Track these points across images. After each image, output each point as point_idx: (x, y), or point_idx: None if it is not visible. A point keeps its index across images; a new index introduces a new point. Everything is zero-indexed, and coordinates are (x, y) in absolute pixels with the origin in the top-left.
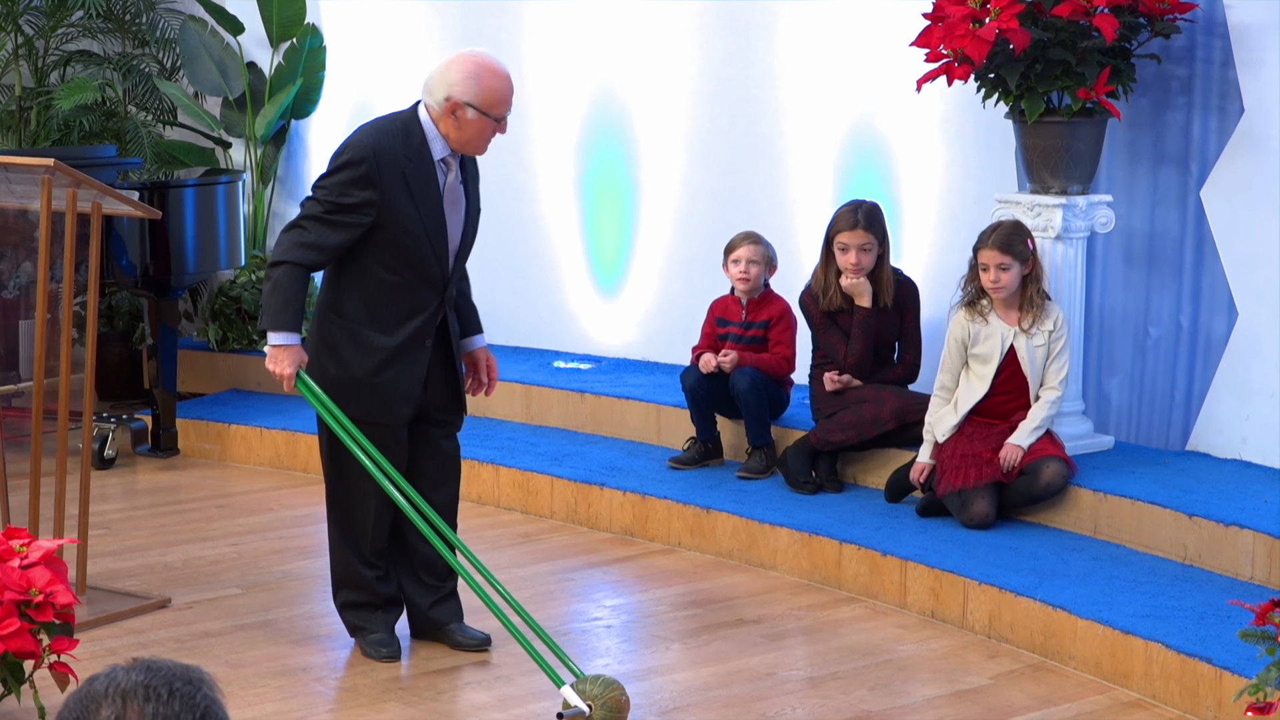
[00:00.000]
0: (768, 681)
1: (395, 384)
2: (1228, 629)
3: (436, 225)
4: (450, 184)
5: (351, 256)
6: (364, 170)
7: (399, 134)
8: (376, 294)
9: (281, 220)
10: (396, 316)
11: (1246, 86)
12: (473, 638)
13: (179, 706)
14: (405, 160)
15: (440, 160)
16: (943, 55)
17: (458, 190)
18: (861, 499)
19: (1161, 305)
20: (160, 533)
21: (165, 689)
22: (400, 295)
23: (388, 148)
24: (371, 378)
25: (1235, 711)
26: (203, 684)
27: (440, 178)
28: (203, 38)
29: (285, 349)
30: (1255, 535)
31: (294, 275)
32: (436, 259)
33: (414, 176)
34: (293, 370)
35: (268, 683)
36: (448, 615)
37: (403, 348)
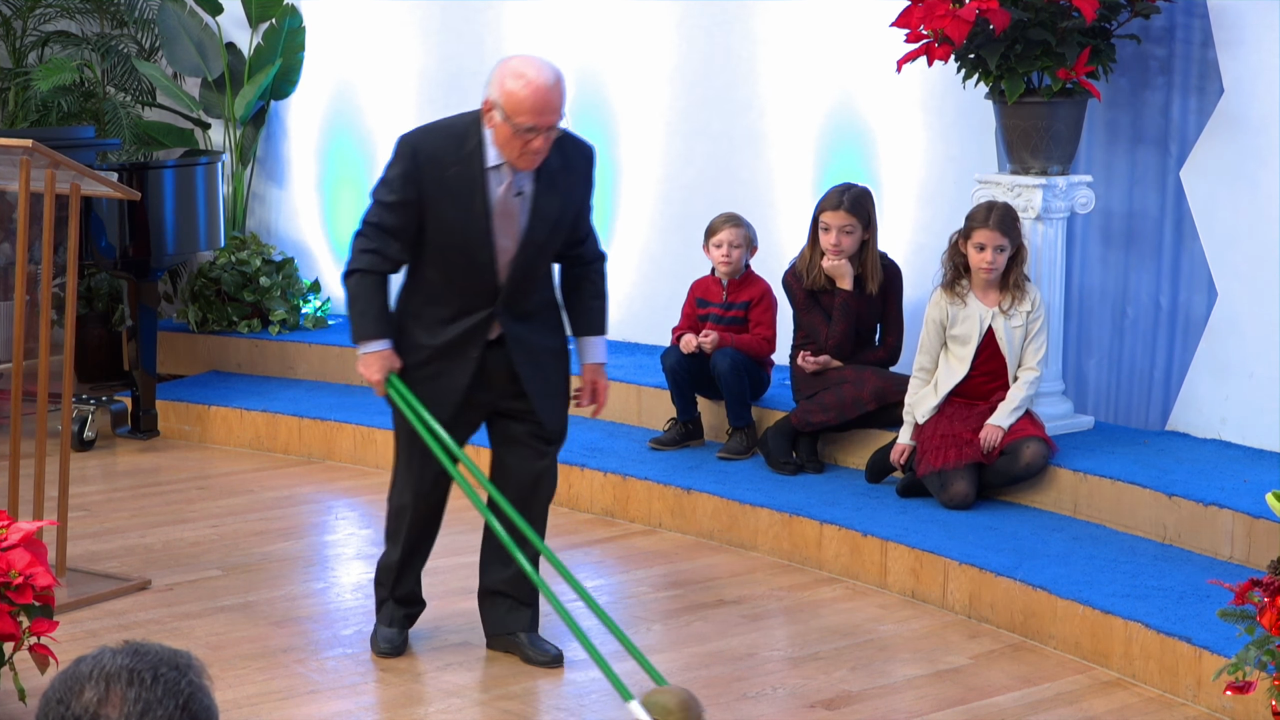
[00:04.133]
0: (748, 662)
1: (429, 386)
2: (1207, 608)
3: (478, 235)
4: (503, 194)
5: (414, 255)
6: (404, 168)
7: (455, 136)
8: (426, 293)
9: (261, 201)
10: (440, 319)
11: (1226, 66)
12: (544, 653)
13: (162, 692)
14: (451, 164)
15: (494, 168)
16: (923, 36)
17: (513, 202)
18: (842, 479)
19: (1141, 285)
20: (140, 514)
21: (150, 674)
22: (445, 298)
23: (434, 148)
24: (408, 375)
25: (1215, 690)
26: (189, 670)
27: (491, 186)
28: (181, 18)
29: (372, 355)
30: (1234, 515)
31: (365, 282)
32: (480, 268)
33: (457, 182)
34: (381, 376)
35: (248, 664)
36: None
37: (442, 351)
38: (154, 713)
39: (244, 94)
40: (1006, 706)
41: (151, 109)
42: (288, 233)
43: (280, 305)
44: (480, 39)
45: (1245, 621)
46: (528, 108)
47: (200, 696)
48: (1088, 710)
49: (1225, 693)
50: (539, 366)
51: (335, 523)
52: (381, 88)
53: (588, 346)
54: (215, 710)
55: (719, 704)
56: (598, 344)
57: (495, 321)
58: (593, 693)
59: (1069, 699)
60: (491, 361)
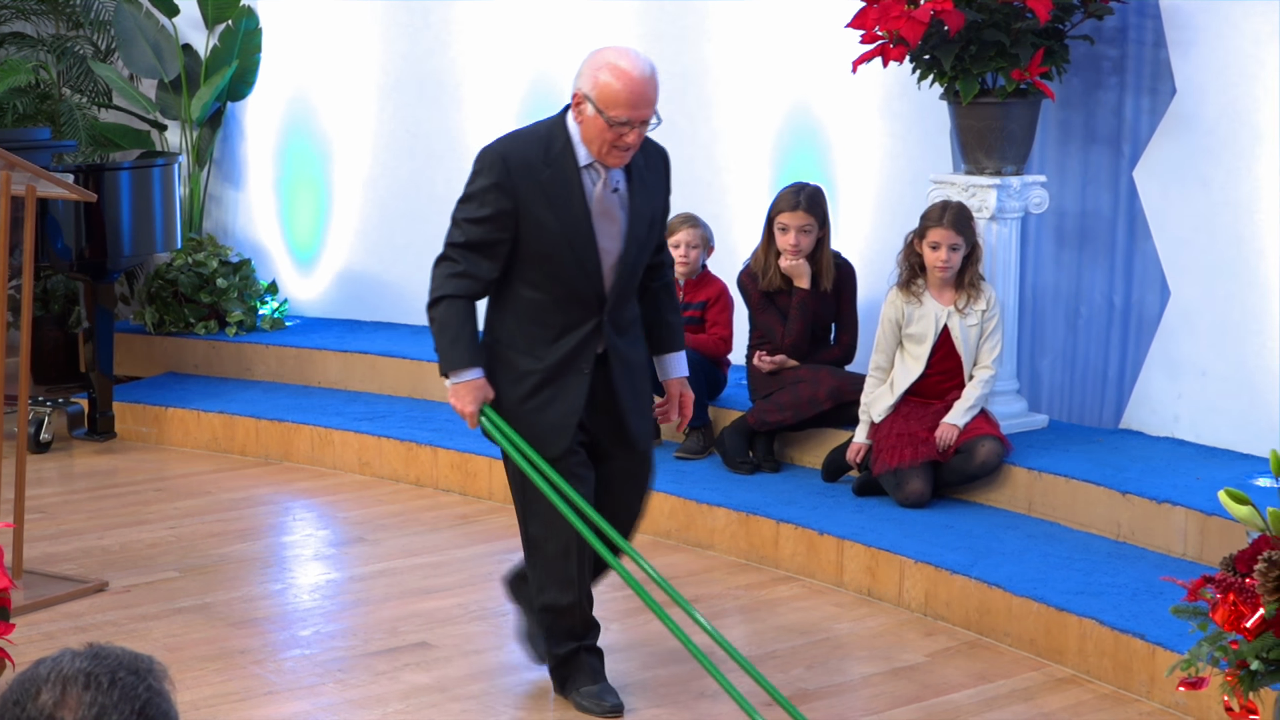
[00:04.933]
0: None
1: (543, 413)
2: (1160, 605)
3: (582, 238)
4: (601, 193)
5: (502, 276)
6: (494, 179)
7: (539, 139)
8: (525, 315)
9: (218, 202)
10: (547, 338)
11: (1178, 67)
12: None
13: (118, 697)
14: (543, 167)
15: (586, 166)
16: (878, 37)
17: (611, 200)
18: (798, 479)
19: (1095, 284)
20: (97, 516)
21: (107, 678)
22: (550, 315)
23: (521, 154)
24: (519, 406)
25: (1168, 686)
26: (149, 675)
27: (587, 185)
28: (137, 20)
29: (464, 385)
30: (1187, 512)
31: (453, 309)
32: (586, 275)
33: (552, 184)
34: (474, 407)
35: (206, 665)
36: None
37: (555, 373)
38: (108, 717)
39: (200, 96)
40: (962, 704)
41: (108, 110)
42: (245, 234)
43: (237, 307)
44: (436, 40)
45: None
46: (623, 100)
47: (158, 701)
48: (1043, 707)
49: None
50: (634, 384)
51: (293, 524)
52: (338, 89)
53: (672, 362)
54: (174, 715)
55: (677, 703)
56: (681, 359)
57: (602, 333)
58: (550, 692)
59: (1024, 695)
60: (597, 381)
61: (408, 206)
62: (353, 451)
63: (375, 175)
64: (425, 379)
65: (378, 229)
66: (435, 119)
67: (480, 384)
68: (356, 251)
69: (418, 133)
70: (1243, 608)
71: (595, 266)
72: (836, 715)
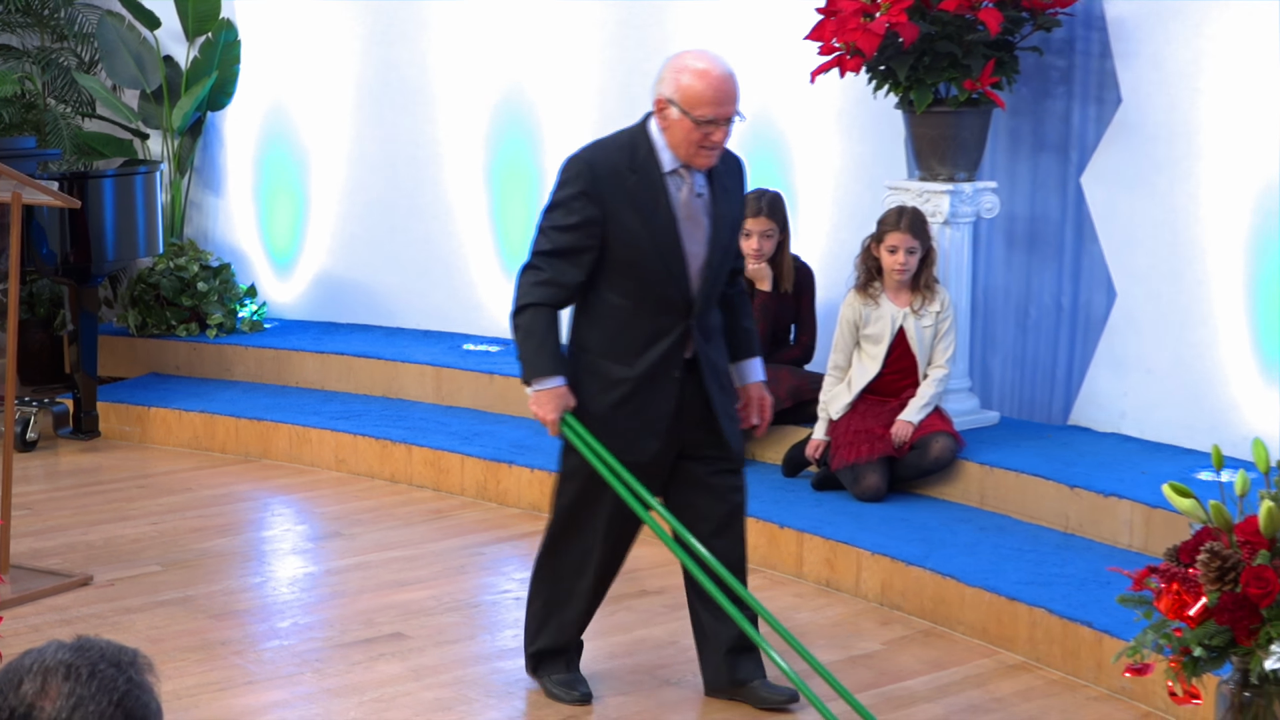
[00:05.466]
0: (670, 650)
1: (635, 419)
2: (1107, 594)
3: (669, 243)
4: (686, 198)
5: (588, 284)
6: (581, 186)
7: (623, 147)
8: (613, 322)
9: (198, 209)
10: (636, 345)
11: (1123, 77)
12: (778, 693)
13: (96, 688)
14: (629, 174)
15: (670, 172)
16: (835, 49)
17: (696, 204)
18: (759, 474)
19: (1044, 286)
20: (82, 513)
21: (87, 670)
22: (638, 322)
23: (607, 162)
24: (611, 412)
25: (1114, 673)
26: (131, 667)
27: (672, 191)
28: (120, 32)
29: (546, 393)
30: (1133, 505)
31: (538, 316)
32: (674, 280)
33: (638, 190)
34: (556, 415)
35: (187, 656)
36: (749, 672)
37: (645, 379)
38: (85, 708)
39: (181, 105)
40: (917, 689)
41: (91, 120)
42: (224, 239)
43: (217, 309)
44: (410, 52)
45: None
46: (708, 99)
47: (137, 693)
48: (994, 692)
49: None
50: (723, 389)
51: (271, 519)
52: (315, 100)
53: (750, 367)
54: (155, 708)
55: (641, 690)
56: (757, 364)
57: (690, 338)
58: (520, 681)
59: (976, 682)
60: (686, 386)
61: (383, 212)
62: (329, 449)
63: (351, 182)
64: (399, 378)
65: (353, 234)
66: (409, 128)
67: (562, 392)
68: (333, 256)
69: (393, 141)
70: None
71: (682, 271)
72: (797, 702)
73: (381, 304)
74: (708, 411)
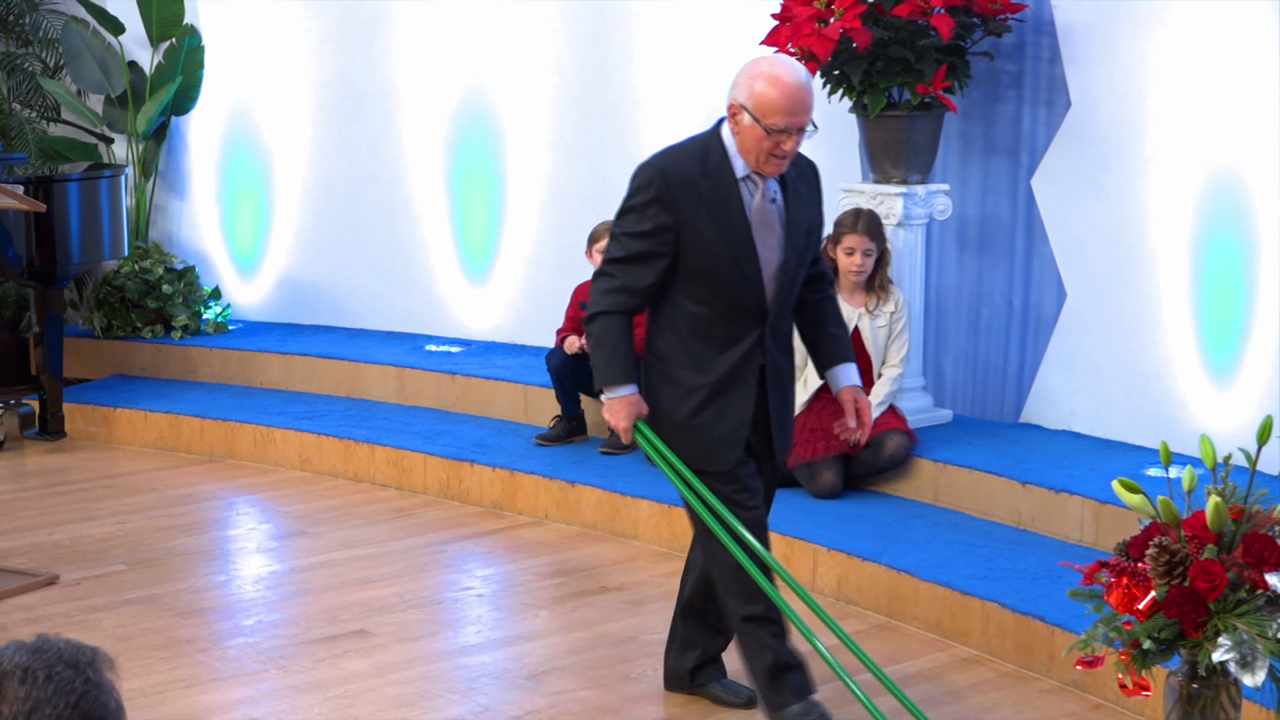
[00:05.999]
0: (630, 645)
1: (714, 426)
2: (1058, 589)
3: (743, 249)
4: (759, 203)
5: (662, 291)
6: (654, 193)
7: (696, 153)
8: (688, 329)
9: (163, 212)
10: (711, 352)
11: (1073, 82)
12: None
13: (52, 691)
14: (701, 180)
15: (744, 178)
16: (791, 53)
17: (769, 210)
18: None
19: (995, 287)
20: (48, 513)
21: (44, 672)
22: (713, 329)
23: (680, 168)
24: (688, 420)
25: (1066, 665)
26: (89, 667)
27: (746, 197)
28: (85, 38)
29: (618, 401)
30: (1083, 501)
31: (610, 324)
32: (749, 286)
33: (712, 197)
34: (628, 423)
35: (154, 654)
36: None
37: (721, 386)
38: (42, 711)
39: (146, 110)
40: (873, 682)
41: (56, 125)
42: (189, 242)
43: (182, 311)
44: (372, 56)
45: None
46: (780, 107)
47: (95, 694)
48: (949, 685)
49: (1076, 667)
50: (783, 398)
51: (236, 518)
52: (278, 104)
53: (843, 372)
54: (114, 706)
55: (602, 685)
56: (850, 369)
57: (763, 345)
58: (482, 676)
59: (931, 675)
60: (770, 394)
61: (345, 215)
62: (293, 449)
63: (314, 186)
64: (362, 379)
65: (316, 236)
66: (371, 133)
67: (634, 400)
68: (296, 258)
69: (355, 145)
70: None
71: (756, 277)
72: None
73: (344, 305)
74: (765, 420)
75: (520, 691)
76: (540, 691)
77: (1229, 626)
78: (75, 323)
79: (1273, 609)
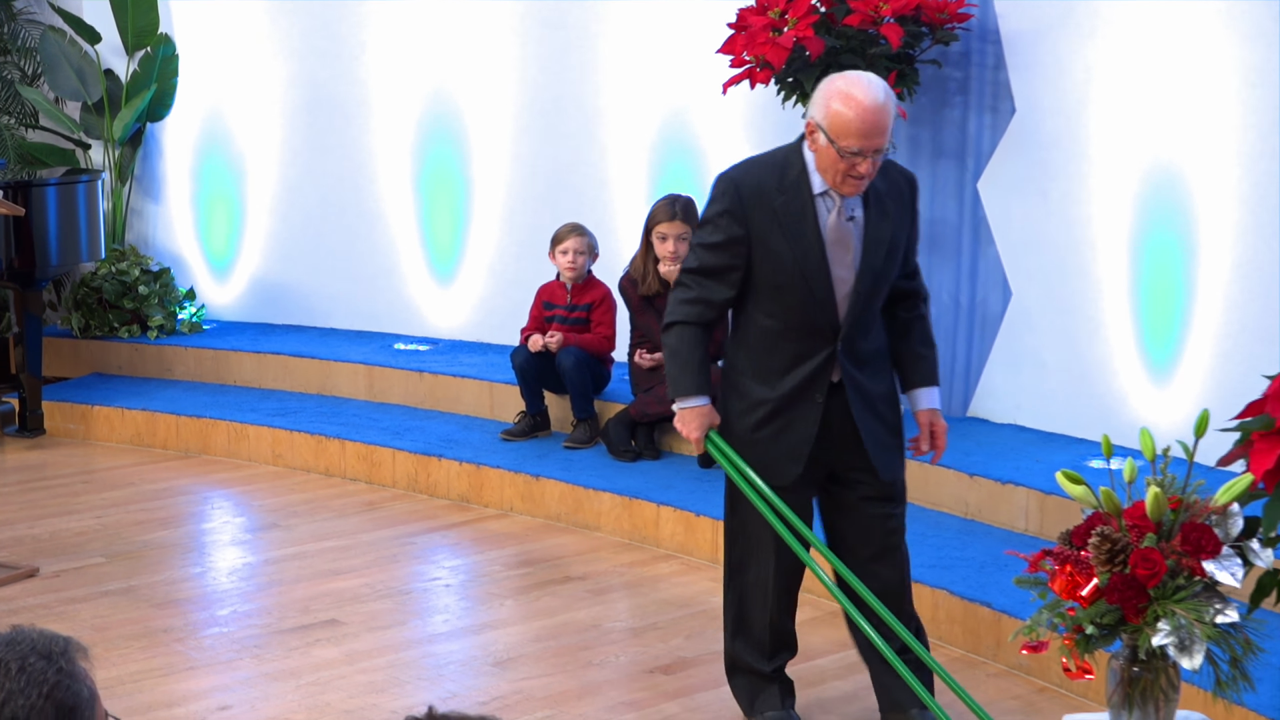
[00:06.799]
0: (593, 632)
1: (776, 441)
2: (1005, 576)
3: (814, 266)
4: (835, 221)
5: (739, 303)
6: (726, 204)
7: (775, 166)
8: (758, 342)
9: (139, 216)
10: (779, 367)
11: (1017, 88)
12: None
13: (25, 682)
14: (776, 194)
15: (821, 194)
16: (746, 61)
17: (846, 228)
18: (676, 465)
19: (943, 285)
20: (28, 507)
21: (16, 663)
22: (783, 344)
23: (756, 181)
24: (752, 433)
25: (1012, 650)
26: (62, 657)
27: (821, 213)
28: (62, 46)
29: (690, 411)
30: (1029, 492)
31: (684, 335)
32: (819, 304)
33: (786, 212)
34: (700, 434)
35: (131, 644)
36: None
37: (787, 401)
38: (15, 702)
39: (122, 117)
40: (827, 668)
41: (35, 131)
42: (164, 245)
43: (158, 312)
44: (339, 65)
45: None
46: (854, 130)
47: (68, 683)
48: None
49: (1021, 651)
50: (877, 416)
51: (211, 512)
52: (250, 111)
53: (921, 395)
54: (86, 695)
55: (566, 672)
56: (930, 393)
57: (836, 363)
58: (450, 663)
59: None
60: (832, 411)
61: (316, 218)
62: (266, 444)
63: (286, 190)
64: (333, 377)
65: (288, 239)
66: (340, 139)
67: (705, 411)
68: (268, 260)
69: (326, 151)
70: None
71: (828, 295)
72: (713, 681)
73: (315, 306)
74: (855, 437)
75: (486, 678)
76: (505, 678)
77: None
78: (54, 323)
79: (1210, 595)
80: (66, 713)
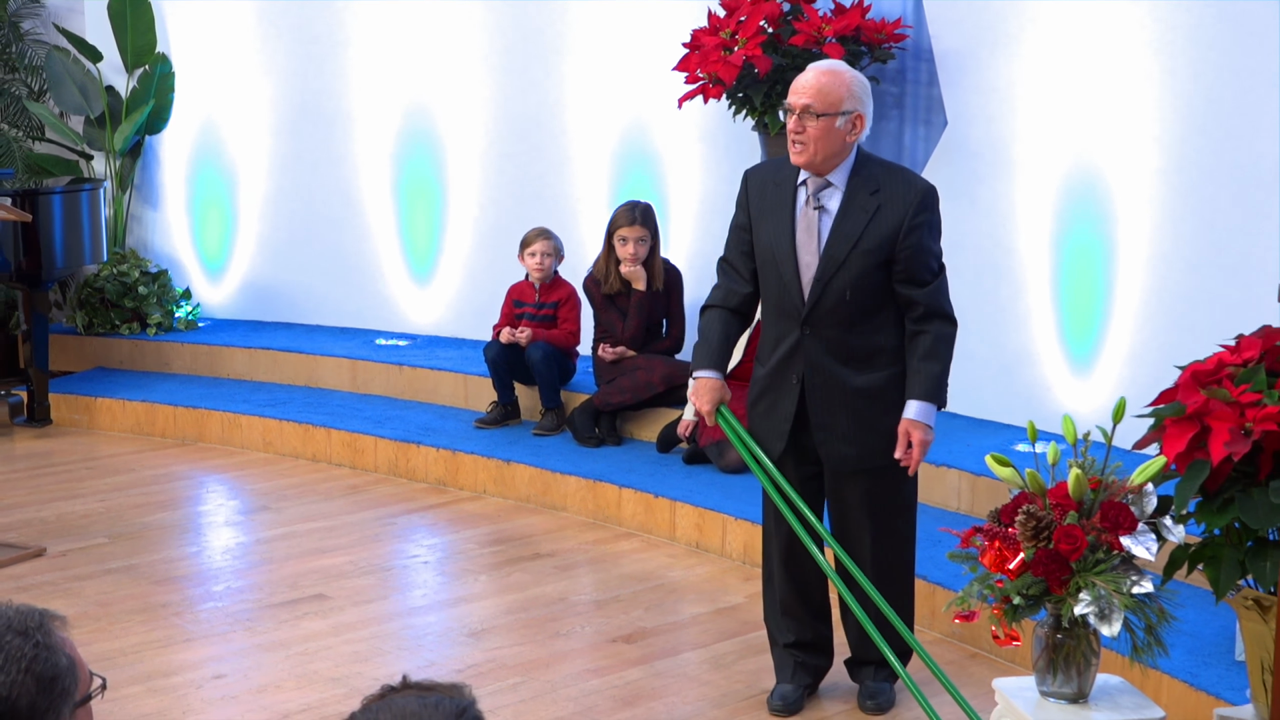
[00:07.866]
0: (560, 605)
1: (765, 418)
2: (939, 552)
3: (783, 249)
4: (804, 207)
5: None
6: (738, 195)
7: (782, 160)
8: (761, 324)
9: (138, 221)
10: (768, 347)
11: (949, 103)
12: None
13: (3, 660)
14: (772, 185)
15: (802, 183)
16: (700, 78)
17: (813, 216)
18: (637, 450)
19: None
20: (36, 492)
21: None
22: (769, 324)
23: (761, 173)
24: (750, 407)
25: (945, 619)
26: (38, 631)
27: (799, 201)
28: (66, 65)
29: (700, 383)
30: (960, 473)
31: (709, 317)
32: (785, 286)
33: (774, 199)
34: (709, 406)
35: (132, 618)
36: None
37: (771, 379)
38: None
39: (122, 130)
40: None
41: (41, 143)
42: (162, 248)
43: (156, 310)
44: (324, 80)
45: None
46: (792, 87)
47: (46, 655)
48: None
49: (954, 621)
50: (849, 409)
51: (206, 495)
52: (242, 124)
53: (907, 407)
54: (66, 663)
55: (534, 641)
56: (918, 406)
57: (803, 348)
58: (428, 634)
59: None
60: (808, 395)
61: (303, 223)
62: (257, 433)
63: (275, 197)
64: (319, 370)
65: (276, 242)
66: (325, 148)
67: (715, 384)
68: (258, 262)
69: (310, 160)
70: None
71: (793, 278)
72: (671, 648)
73: (302, 304)
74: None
75: (462, 647)
76: (480, 647)
77: (1089, 584)
78: (60, 321)
79: (1127, 568)
80: (47, 683)
